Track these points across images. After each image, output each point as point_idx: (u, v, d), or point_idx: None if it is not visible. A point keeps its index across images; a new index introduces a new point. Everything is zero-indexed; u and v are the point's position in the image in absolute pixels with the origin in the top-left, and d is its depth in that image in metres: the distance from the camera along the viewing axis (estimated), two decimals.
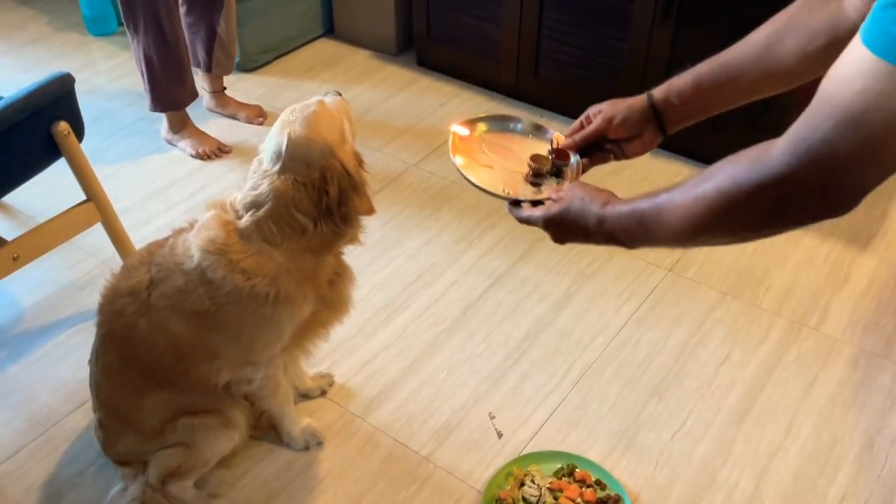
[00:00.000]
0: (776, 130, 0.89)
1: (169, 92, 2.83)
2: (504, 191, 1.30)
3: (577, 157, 1.34)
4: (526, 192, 1.30)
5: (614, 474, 1.84)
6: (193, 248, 1.55)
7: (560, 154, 1.34)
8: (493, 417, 2.00)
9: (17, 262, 2.03)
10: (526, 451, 1.90)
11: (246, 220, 1.53)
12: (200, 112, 3.16)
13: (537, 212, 1.22)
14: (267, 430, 1.91)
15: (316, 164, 1.48)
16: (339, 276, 1.67)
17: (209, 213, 1.59)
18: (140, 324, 1.59)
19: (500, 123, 1.45)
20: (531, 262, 2.46)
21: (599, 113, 1.33)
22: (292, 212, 1.49)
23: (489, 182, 1.31)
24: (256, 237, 1.52)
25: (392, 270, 2.44)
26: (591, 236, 1.15)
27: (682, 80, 1.26)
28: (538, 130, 1.44)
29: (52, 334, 2.25)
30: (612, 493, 1.78)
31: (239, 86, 3.36)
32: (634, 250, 1.13)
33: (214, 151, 2.95)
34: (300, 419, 1.92)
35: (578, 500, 1.77)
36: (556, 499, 1.77)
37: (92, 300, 2.34)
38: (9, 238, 2.08)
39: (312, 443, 1.92)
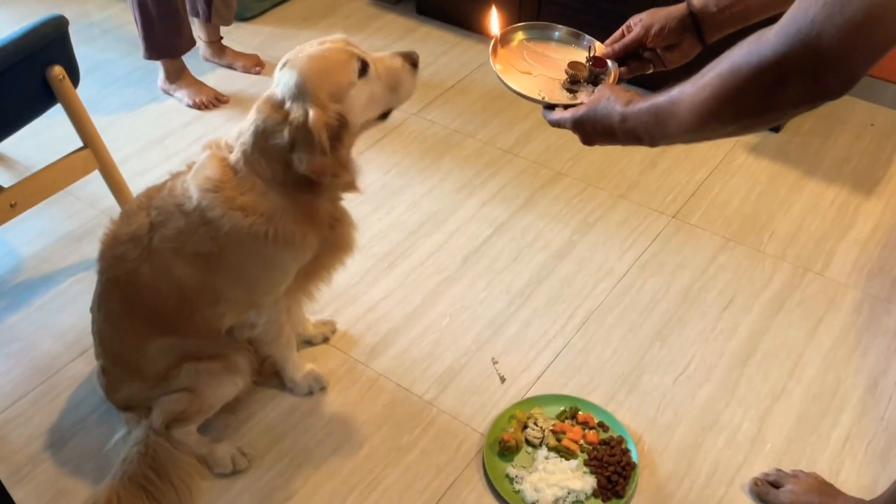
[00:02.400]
0: None
1: (164, 39, 2.78)
2: (540, 95, 1.31)
3: (614, 63, 1.35)
4: (562, 97, 1.31)
5: (617, 416, 1.84)
6: (192, 188, 1.53)
7: (597, 61, 1.34)
8: (495, 363, 1.99)
9: (14, 209, 2.01)
10: (529, 395, 1.90)
11: (236, 151, 1.51)
12: (197, 62, 3.11)
13: (567, 114, 1.23)
14: (270, 375, 1.91)
15: (287, 100, 1.44)
16: (339, 221, 1.65)
17: (205, 152, 1.57)
18: (143, 269, 1.58)
19: (539, 31, 1.46)
20: (533, 211, 2.44)
21: (639, 22, 1.33)
22: (268, 138, 1.45)
23: (526, 87, 1.32)
24: (248, 172, 1.49)
25: (393, 219, 2.42)
26: (615, 135, 1.16)
27: None
28: (577, 38, 1.44)
29: (52, 284, 2.24)
30: (615, 435, 1.79)
31: (235, 35, 3.30)
32: (655, 147, 1.14)
33: (212, 101, 2.91)
34: (303, 365, 1.92)
35: (581, 441, 1.77)
36: (559, 440, 1.77)
37: (91, 249, 2.33)
38: (6, 187, 2.06)
39: (316, 388, 1.92)
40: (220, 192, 1.50)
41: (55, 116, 2.10)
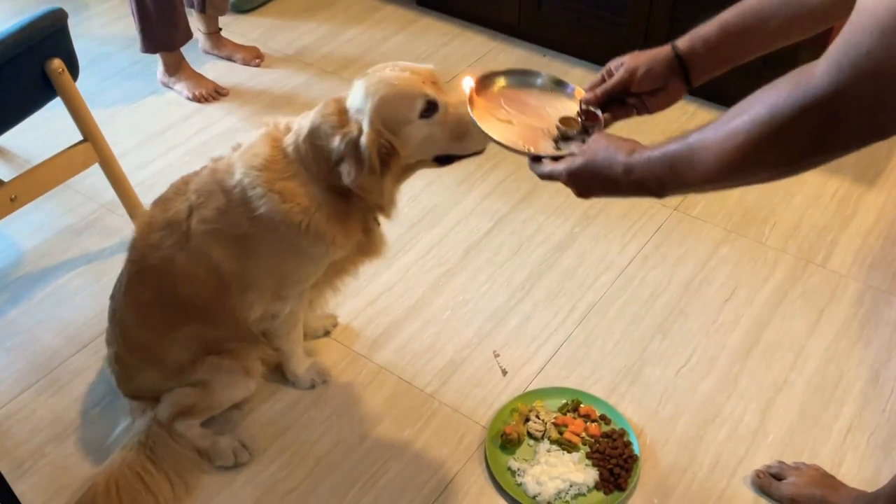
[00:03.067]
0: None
1: (161, 32, 2.77)
2: (524, 146, 1.24)
3: (597, 109, 1.29)
4: (546, 147, 1.25)
5: (619, 409, 1.84)
6: (237, 163, 1.54)
7: (590, 116, 1.28)
8: (497, 356, 1.99)
9: (14, 202, 2.01)
10: (531, 388, 1.90)
11: (290, 136, 1.52)
12: (196, 54, 3.10)
13: (560, 165, 1.16)
14: (272, 369, 1.91)
15: (351, 110, 1.45)
16: (366, 231, 1.65)
17: (260, 130, 1.58)
18: (179, 257, 1.58)
19: (519, 78, 1.39)
20: (533, 204, 2.43)
21: (622, 66, 1.27)
22: (321, 136, 1.47)
23: (509, 138, 1.25)
24: (295, 157, 1.51)
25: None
26: (617, 187, 1.10)
27: (707, 28, 1.21)
28: (558, 85, 1.38)
29: (52, 277, 2.24)
30: (617, 428, 1.79)
31: (235, 27, 3.29)
32: (663, 198, 1.08)
33: (211, 94, 2.90)
34: (306, 359, 1.91)
35: (583, 434, 1.77)
36: (560, 433, 1.77)
37: (91, 243, 2.34)
38: (6, 180, 2.06)
39: (318, 381, 1.92)
40: (265, 171, 1.50)
41: (55, 109, 2.09)
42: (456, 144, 1.46)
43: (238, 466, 1.77)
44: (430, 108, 1.42)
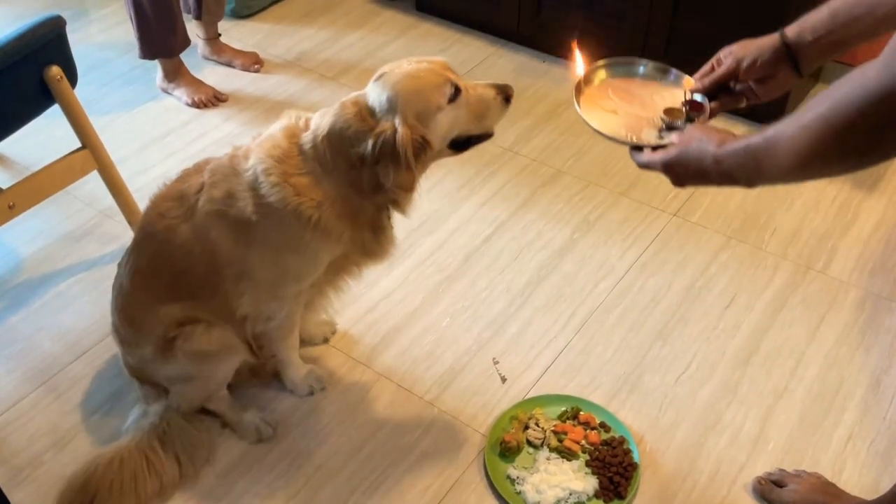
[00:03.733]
0: None
1: (159, 39, 2.77)
2: (627, 136, 1.26)
3: (705, 98, 1.29)
4: (649, 136, 1.27)
5: (618, 417, 1.83)
6: (255, 150, 1.55)
7: (694, 105, 1.29)
8: (496, 363, 1.99)
9: (13, 210, 2.01)
10: (530, 396, 1.90)
11: (309, 133, 1.53)
12: (196, 60, 3.10)
13: (657, 156, 1.19)
14: (271, 376, 1.91)
15: (377, 113, 1.47)
16: (382, 230, 1.65)
17: (280, 122, 1.58)
18: (182, 228, 1.59)
19: (623, 68, 1.41)
20: (533, 210, 2.43)
21: (730, 54, 1.28)
22: (346, 138, 1.48)
23: (612, 128, 1.28)
24: (312, 156, 1.52)
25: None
26: (708, 177, 1.12)
27: (816, 16, 1.20)
28: (663, 73, 1.39)
29: (51, 284, 2.23)
30: (617, 435, 1.78)
31: (234, 32, 3.29)
32: (753, 188, 1.10)
33: (210, 100, 2.90)
34: (303, 366, 1.91)
35: (583, 442, 1.77)
36: (560, 441, 1.77)
37: (90, 249, 2.34)
38: (4, 188, 2.05)
39: (317, 388, 1.92)
40: (281, 163, 1.52)
41: (53, 116, 2.09)
42: (476, 124, 1.54)
43: (261, 442, 1.80)
44: (456, 92, 1.49)
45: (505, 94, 1.54)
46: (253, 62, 3.09)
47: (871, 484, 1.71)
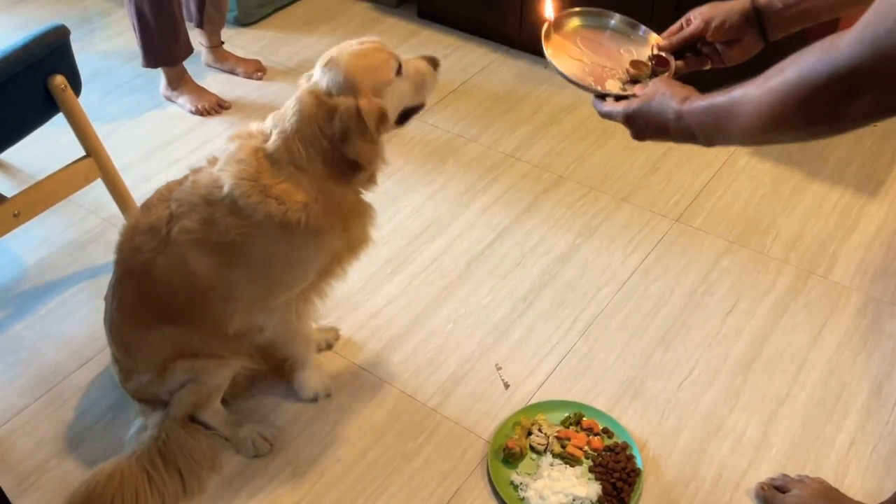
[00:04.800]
0: None
1: (162, 47, 2.79)
2: (591, 83, 1.28)
3: (670, 56, 1.31)
4: (613, 87, 1.28)
5: (621, 422, 1.84)
6: (224, 177, 1.54)
7: (660, 61, 1.31)
8: (499, 368, 1.99)
9: (18, 218, 2.02)
10: (533, 402, 1.90)
11: (274, 139, 1.53)
12: (199, 68, 3.11)
13: (619, 107, 1.20)
14: (289, 375, 1.91)
15: (335, 93, 1.50)
16: (360, 214, 1.66)
17: (234, 143, 1.58)
18: (158, 260, 1.59)
19: (594, 18, 1.42)
20: (536, 215, 2.44)
21: (699, 15, 1.29)
22: (315, 129, 1.50)
23: (577, 74, 1.29)
24: (285, 160, 1.52)
25: (396, 224, 2.42)
26: (668, 132, 1.13)
27: None
28: (633, 28, 1.41)
29: (56, 292, 2.24)
30: (620, 441, 1.79)
31: (237, 40, 3.31)
32: (711, 147, 1.11)
33: (214, 107, 2.91)
34: (316, 371, 1.92)
35: (586, 447, 1.77)
36: (563, 447, 1.77)
37: (95, 257, 2.35)
38: (9, 196, 2.07)
39: (321, 395, 1.92)
40: (257, 181, 1.52)
41: (57, 125, 2.10)
42: (417, 95, 1.62)
43: (258, 457, 1.80)
44: (399, 67, 1.57)
45: (434, 64, 1.64)
46: (256, 70, 3.10)
47: (873, 489, 1.71)
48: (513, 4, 3.03)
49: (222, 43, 3.13)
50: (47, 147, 2.57)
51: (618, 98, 1.23)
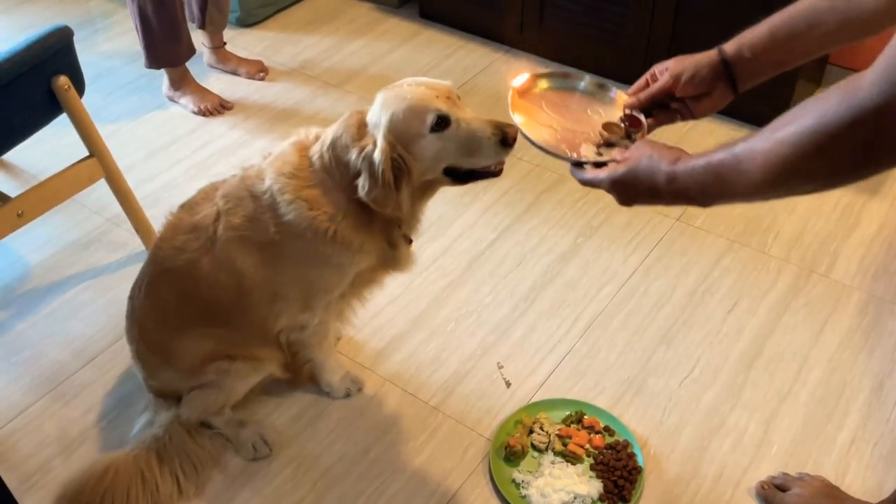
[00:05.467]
0: None
1: (165, 48, 2.80)
2: (566, 152, 1.23)
3: (640, 114, 1.28)
4: (588, 152, 1.24)
5: (623, 420, 1.84)
6: (267, 170, 1.56)
7: (633, 121, 1.27)
8: (501, 367, 2.00)
9: (21, 218, 2.03)
10: (534, 400, 1.91)
11: (316, 146, 1.54)
12: (201, 68, 3.12)
13: (602, 173, 1.15)
14: (307, 380, 1.93)
15: (370, 127, 1.48)
16: (396, 245, 1.65)
17: (290, 138, 1.60)
18: (203, 260, 1.60)
19: (561, 81, 1.38)
20: (537, 215, 2.44)
21: (666, 70, 1.26)
22: (339, 148, 1.50)
23: (551, 143, 1.25)
24: (320, 167, 1.53)
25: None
26: (660, 196, 1.09)
27: (754, 33, 1.19)
28: (601, 89, 1.37)
29: (59, 292, 2.25)
30: (621, 439, 1.79)
31: (239, 41, 3.32)
32: (708, 208, 1.07)
33: (216, 108, 2.92)
34: (340, 369, 1.93)
35: (587, 446, 1.78)
36: (564, 445, 1.78)
37: (98, 257, 2.36)
38: (13, 196, 2.08)
39: (353, 389, 1.94)
40: (294, 178, 1.53)
41: (61, 125, 2.11)
42: (468, 159, 1.48)
43: (257, 460, 1.80)
44: (442, 122, 1.44)
45: (502, 135, 1.42)
46: (258, 70, 3.11)
47: (874, 487, 1.72)
48: (514, 5, 3.04)
49: (224, 44, 3.14)
50: (51, 147, 2.58)
51: (597, 164, 1.19)
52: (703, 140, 2.63)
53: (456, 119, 1.44)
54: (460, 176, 1.52)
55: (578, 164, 1.21)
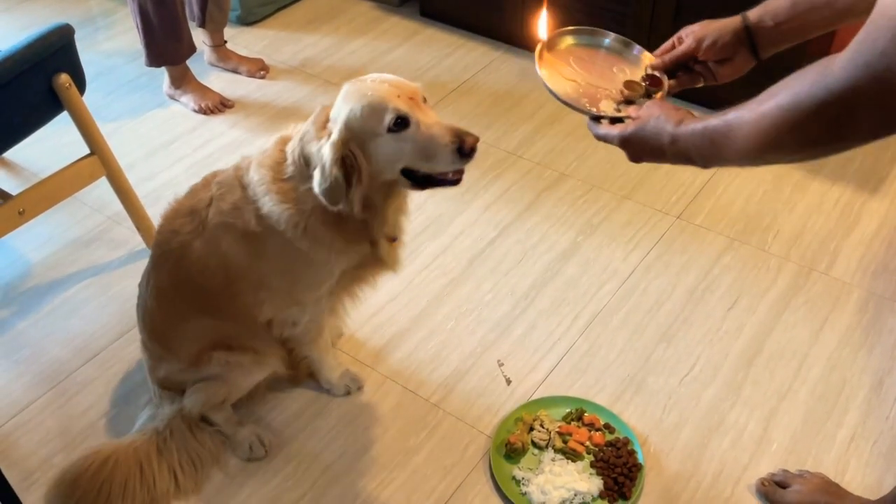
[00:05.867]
0: None
1: (165, 47, 2.80)
2: (586, 105, 1.27)
3: (663, 75, 1.31)
4: (607, 108, 1.28)
5: (623, 418, 1.84)
6: (253, 162, 1.58)
7: (654, 81, 1.30)
8: (501, 365, 2.00)
9: (22, 216, 2.03)
10: (535, 397, 1.91)
11: (292, 141, 1.54)
12: (202, 67, 3.12)
13: (614, 130, 1.20)
14: (306, 377, 1.93)
15: (331, 122, 1.47)
16: (377, 244, 1.62)
17: (280, 132, 1.61)
18: (195, 243, 1.60)
19: (588, 38, 1.41)
20: (537, 213, 2.45)
21: (691, 33, 1.30)
22: (307, 143, 1.49)
23: (571, 96, 1.28)
24: (291, 160, 1.52)
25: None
26: (664, 155, 1.14)
27: (777, 2, 1.22)
28: (627, 46, 1.40)
29: (60, 289, 2.25)
30: (621, 437, 1.79)
31: (240, 39, 3.32)
32: (708, 169, 1.13)
33: (217, 106, 2.93)
34: (339, 366, 1.93)
35: (587, 443, 1.78)
36: (565, 442, 1.78)
37: (99, 255, 2.36)
38: (14, 194, 2.08)
39: (353, 387, 1.94)
40: (270, 171, 1.53)
41: (62, 123, 2.11)
42: (426, 164, 1.43)
43: (252, 461, 1.80)
44: (400, 123, 1.40)
45: (460, 143, 1.38)
46: (259, 68, 3.11)
47: (874, 484, 1.72)
48: (514, 3, 3.04)
49: (225, 42, 3.14)
50: (52, 145, 2.58)
51: (612, 120, 1.23)
52: None
53: (416, 121, 1.41)
54: (418, 180, 1.47)
55: (596, 119, 1.25)
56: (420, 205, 2.48)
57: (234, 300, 1.64)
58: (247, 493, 1.75)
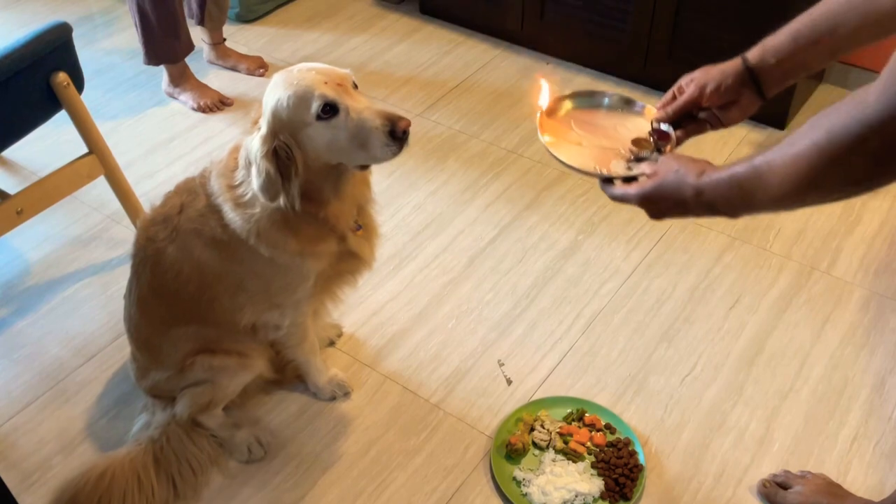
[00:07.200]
0: None
1: (163, 45, 2.79)
2: (596, 168, 1.24)
3: (669, 127, 1.28)
4: (617, 167, 1.24)
5: (624, 418, 1.84)
6: (213, 171, 1.56)
7: (661, 135, 1.27)
8: (502, 365, 2.00)
9: (21, 215, 2.02)
10: (535, 398, 1.90)
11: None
12: (201, 64, 3.11)
13: (632, 189, 1.16)
14: (292, 379, 1.92)
15: (257, 116, 1.45)
16: (345, 239, 1.59)
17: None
18: (169, 250, 1.59)
19: (587, 100, 1.39)
20: (538, 211, 2.44)
21: (692, 81, 1.26)
22: (248, 141, 1.47)
23: (579, 160, 1.25)
24: (242, 165, 1.50)
25: (398, 221, 2.42)
26: (688, 209, 1.10)
27: (777, 39, 1.19)
28: (627, 104, 1.37)
29: (59, 289, 2.25)
30: (622, 437, 1.79)
31: (239, 37, 3.31)
32: (736, 219, 1.08)
33: (216, 104, 2.92)
34: (327, 369, 1.92)
35: (588, 443, 1.77)
36: (566, 443, 1.77)
37: (98, 254, 2.35)
38: (12, 193, 2.07)
39: (339, 393, 1.92)
40: (223, 178, 1.52)
41: (60, 121, 2.10)
42: (362, 153, 1.40)
43: (251, 462, 1.79)
44: (329, 109, 1.37)
45: (392, 126, 1.35)
46: (258, 66, 3.10)
47: (876, 484, 1.71)
48: (514, 1, 3.03)
49: (224, 40, 3.13)
50: (50, 144, 2.57)
51: (626, 180, 1.20)
52: (720, 138, 2.63)
53: (345, 107, 1.37)
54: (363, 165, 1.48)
55: (608, 180, 1.22)
56: (419, 204, 2.48)
57: (212, 305, 1.63)
58: (247, 494, 1.75)
